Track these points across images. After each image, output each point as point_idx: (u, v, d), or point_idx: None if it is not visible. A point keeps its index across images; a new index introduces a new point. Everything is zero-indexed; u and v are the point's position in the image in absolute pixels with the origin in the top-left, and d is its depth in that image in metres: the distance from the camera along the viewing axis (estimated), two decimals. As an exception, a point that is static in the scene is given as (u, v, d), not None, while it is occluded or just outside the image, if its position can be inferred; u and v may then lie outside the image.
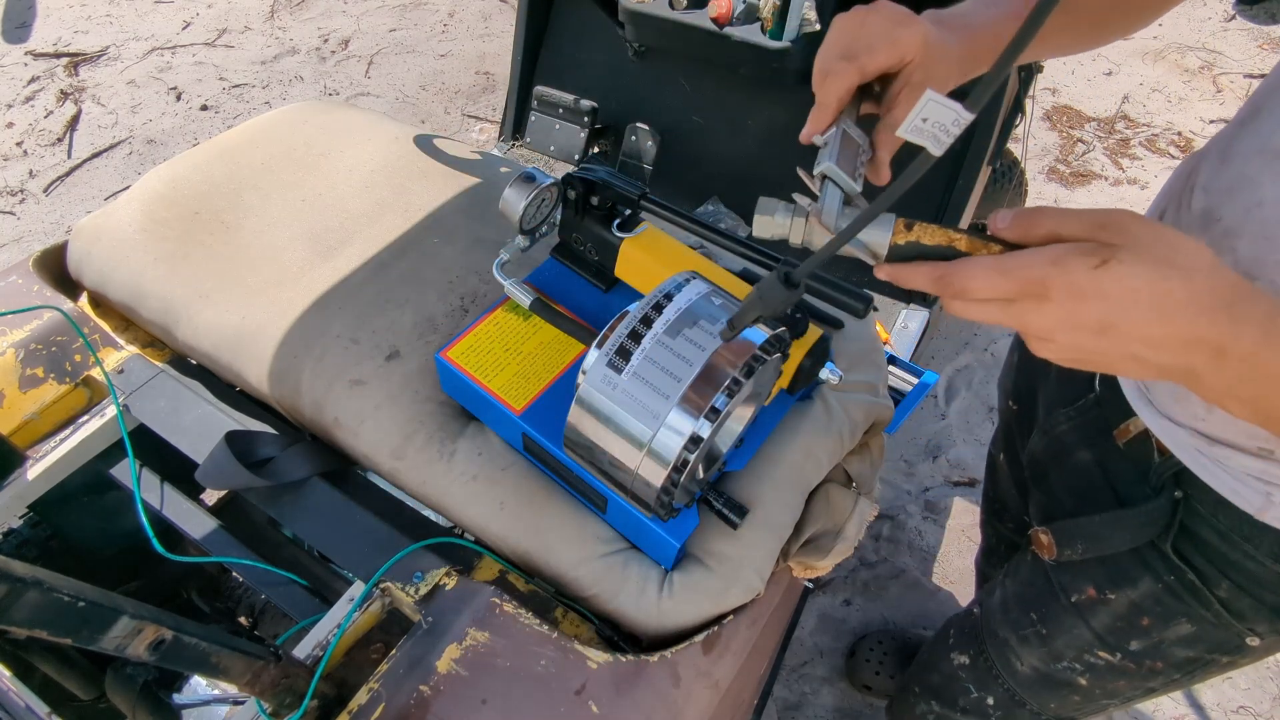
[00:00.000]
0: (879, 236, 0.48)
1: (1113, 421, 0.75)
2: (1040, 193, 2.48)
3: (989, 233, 0.46)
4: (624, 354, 0.56)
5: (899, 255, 0.48)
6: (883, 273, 0.48)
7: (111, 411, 0.85)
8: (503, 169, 1.03)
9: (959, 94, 0.39)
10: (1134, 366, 0.43)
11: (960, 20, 0.58)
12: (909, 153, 0.39)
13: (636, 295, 0.79)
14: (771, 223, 0.52)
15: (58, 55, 2.92)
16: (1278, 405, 0.43)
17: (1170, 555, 0.69)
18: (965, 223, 1.59)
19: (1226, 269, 0.41)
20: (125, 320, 0.96)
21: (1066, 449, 0.82)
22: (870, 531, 1.75)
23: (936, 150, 0.36)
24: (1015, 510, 1.09)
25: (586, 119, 1.85)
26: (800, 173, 0.54)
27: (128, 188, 0.99)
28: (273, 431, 0.84)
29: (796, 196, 0.53)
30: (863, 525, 0.80)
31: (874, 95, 0.58)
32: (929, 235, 0.46)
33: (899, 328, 1.63)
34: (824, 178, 0.52)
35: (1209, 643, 0.73)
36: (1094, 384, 0.79)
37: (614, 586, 0.69)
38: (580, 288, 0.82)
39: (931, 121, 0.36)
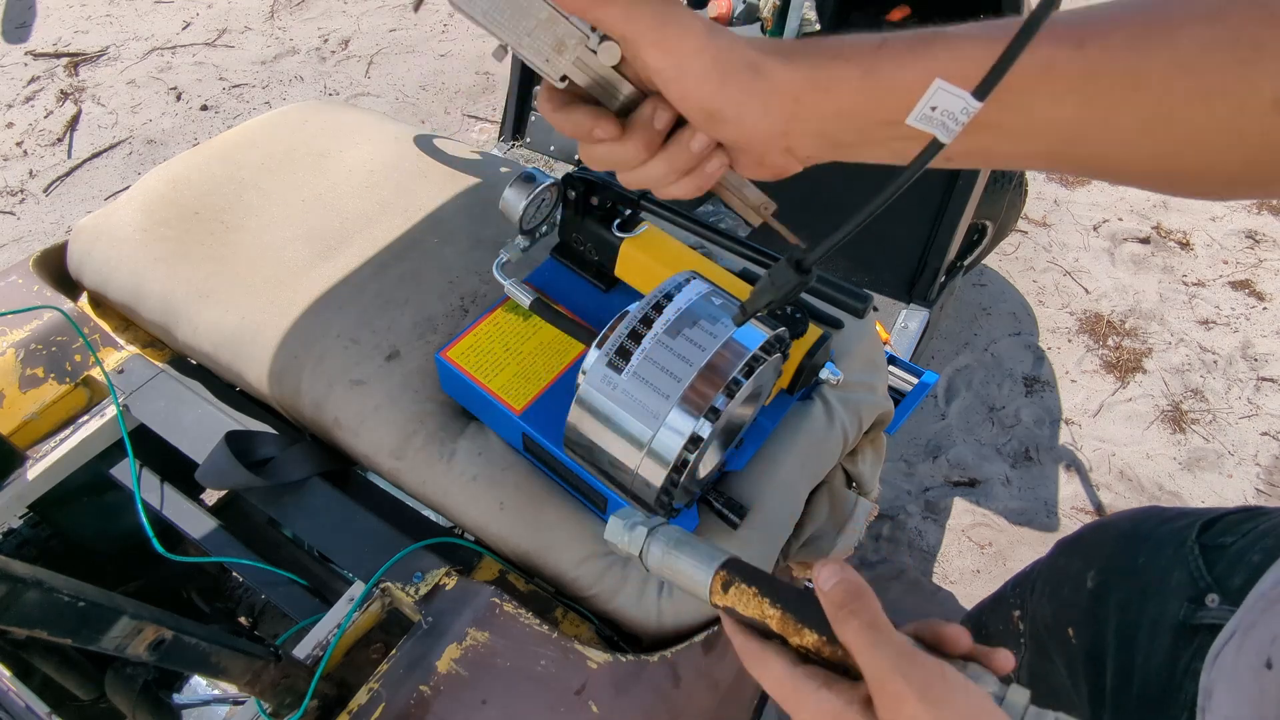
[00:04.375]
0: (699, 582, 0.45)
1: None
2: (1040, 193, 2.48)
3: (818, 584, 0.41)
4: (624, 354, 0.56)
5: (721, 607, 0.45)
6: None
7: (111, 411, 0.85)
8: (503, 169, 1.03)
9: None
10: None
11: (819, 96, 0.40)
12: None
13: (636, 295, 0.79)
14: (617, 545, 0.48)
15: (58, 55, 2.92)
16: None
17: None
18: (965, 223, 1.59)
19: None
20: (125, 320, 0.96)
21: None
22: (870, 531, 1.75)
23: (945, 138, 0.36)
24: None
25: (586, 119, 1.85)
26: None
27: (128, 188, 0.99)
28: (273, 431, 0.84)
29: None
30: (863, 525, 0.80)
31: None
32: (744, 604, 0.43)
33: (899, 328, 1.63)
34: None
35: None
36: None
37: (614, 586, 0.69)
38: (580, 288, 0.82)
39: (940, 110, 0.35)
